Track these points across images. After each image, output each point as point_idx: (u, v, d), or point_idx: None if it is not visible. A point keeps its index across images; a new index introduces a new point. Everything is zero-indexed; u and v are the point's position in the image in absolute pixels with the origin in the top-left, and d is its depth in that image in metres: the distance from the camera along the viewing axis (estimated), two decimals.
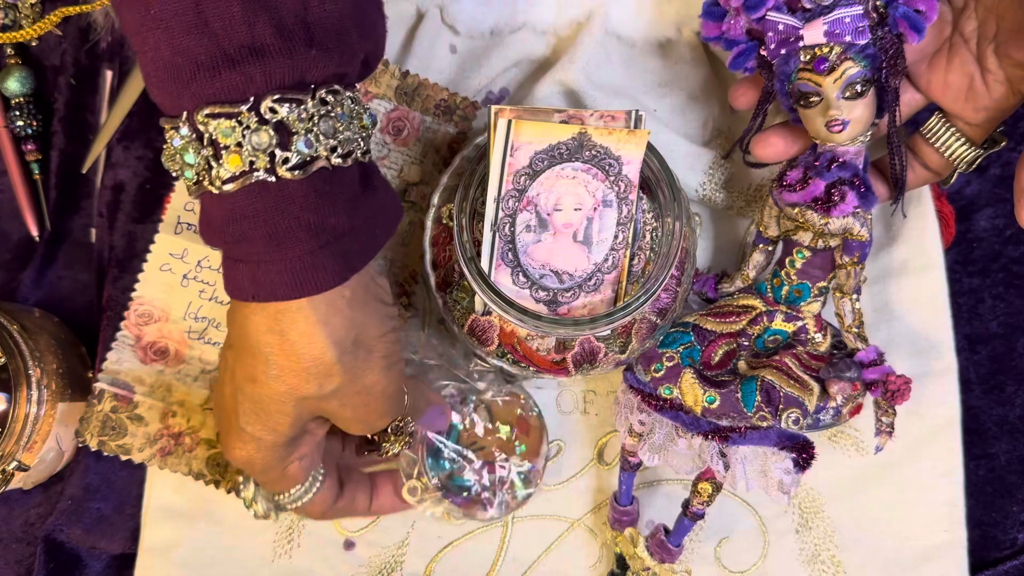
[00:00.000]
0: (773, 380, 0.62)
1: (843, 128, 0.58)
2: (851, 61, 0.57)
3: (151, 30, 0.44)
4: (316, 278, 0.48)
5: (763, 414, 0.62)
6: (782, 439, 0.62)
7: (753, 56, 0.61)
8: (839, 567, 0.71)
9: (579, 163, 0.60)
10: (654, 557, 0.67)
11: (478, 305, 0.63)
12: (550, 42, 0.74)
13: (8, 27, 0.77)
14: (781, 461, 0.62)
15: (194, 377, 0.71)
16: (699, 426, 0.63)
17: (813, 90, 0.58)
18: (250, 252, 0.48)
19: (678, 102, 0.74)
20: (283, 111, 0.46)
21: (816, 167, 0.61)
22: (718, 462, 0.62)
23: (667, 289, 0.64)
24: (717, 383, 0.64)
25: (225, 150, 0.46)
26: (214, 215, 0.48)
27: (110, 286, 0.74)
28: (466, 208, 0.60)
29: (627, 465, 0.68)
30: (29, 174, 0.77)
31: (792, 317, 0.65)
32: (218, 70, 0.44)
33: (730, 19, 0.60)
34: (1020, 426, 0.75)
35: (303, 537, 0.72)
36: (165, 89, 0.46)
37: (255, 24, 0.44)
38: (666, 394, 0.64)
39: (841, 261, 0.63)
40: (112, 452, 0.69)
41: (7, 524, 0.75)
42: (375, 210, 0.51)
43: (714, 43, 0.63)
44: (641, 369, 0.65)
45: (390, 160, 0.72)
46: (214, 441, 0.70)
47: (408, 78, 0.71)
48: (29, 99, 0.77)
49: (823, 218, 0.61)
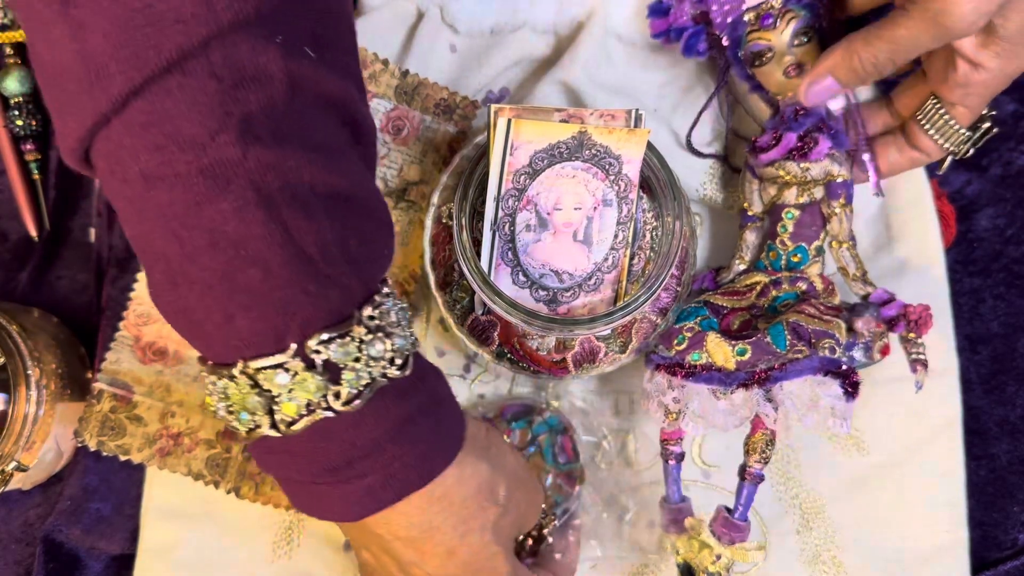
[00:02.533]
0: (799, 319, 0.61)
1: (800, 70, 0.64)
2: (792, 12, 0.64)
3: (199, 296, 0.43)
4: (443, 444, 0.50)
5: (798, 348, 0.60)
6: (824, 365, 0.60)
7: (703, 38, 0.67)
8: (840, 568, 0.71)
9: (579, 162, 0.60)
10: (723, 540, 0.63)
11: (478, 305, 0.63)
12: (550, 41, 0.74)
13: (8, 27, 0.77)
14: (829, 389, 0.59)
15: (193, 377, 0.71)
16: (736, 380, 0.61)
17: (765, 46, 0.64)
18: (379, 463, 0.48)
19: (679, 102, 0.74)
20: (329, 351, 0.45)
21: (784, 122, 0.65)
22: (765, 406, 0.60)
23: (667, 288, 0.64)
24: (742, 336, 0.62)
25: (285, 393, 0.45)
26: (307, 452, 0.47)
27: (109, 286, 0.74)
28: (466, 207, 0.60)
29: (671, 456, 0.66)
30: (28, 174, 0.77)
31: (797, 279, 0.65)
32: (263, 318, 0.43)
33: (675, 9, 0.67)
34: (1021, 426, 0.74)
35: (303, 537, 0.72)
36: (211, 345, 0.46)
37: (297, 282, 0.43)
38: (695, 360, 0.62)
39: (830, 209, 0.65)
40: (111, 452, 0.69)
41: (6, 524, 0.75)
42: (434, 385, 0.52)
43: (663, 39, 0.69)
44: (663, 348, 0.64)
45: (390, 159, 0.71)
46: (213, 441, 0.70)
47: (408, 77, 0.71)
48: (28, 99, 0.77)
49: (803, 164, 0.64)
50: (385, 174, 0.71)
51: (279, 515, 0.72)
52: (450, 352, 0.74)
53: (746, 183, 0.68)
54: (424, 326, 0.74)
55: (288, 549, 0.72)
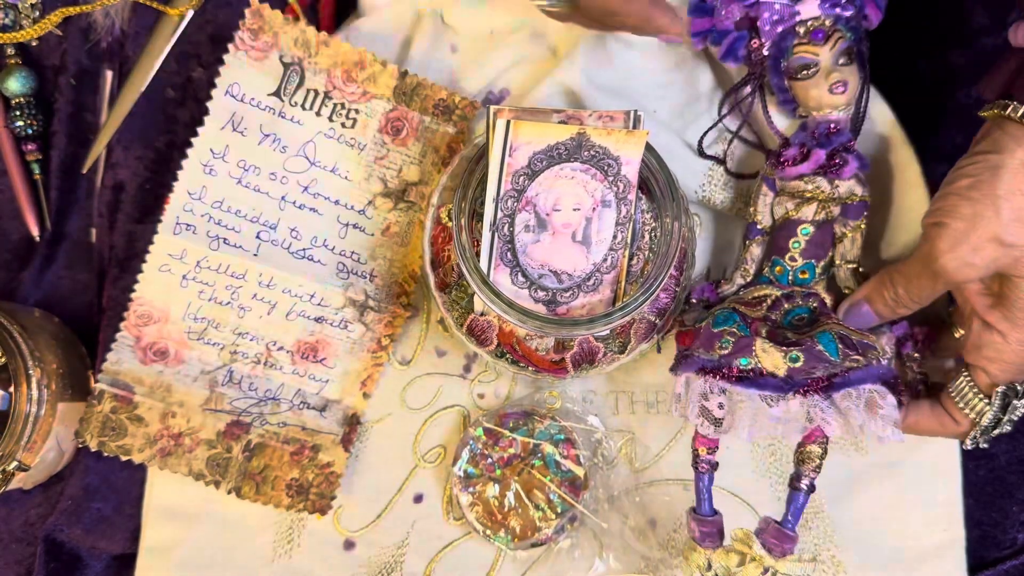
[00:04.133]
0: (840, 330, 0.60)
1: (846, 88, 0.64)
2: (840, 32, 0.64)
3: None
4: None
5: (853, 357, 0.59)
6: (884, 374, 0.59)
7: (744, 44, 0.67)
8: (839, 567, 0.71)
9: (578, 163, 0.60)
10: (774, 552, 0.60)
11: (477, 305, 0.63)
12: (550, 43, 0.74)
13: (8, 27, 0.77)
14: (886, 398, 0.58)
15: (194, 378, 0.71)
16: (795, 386, 0.59)
17: (811, 60, 0.64)
18: None
19: (678, 104, 0.74)
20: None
21: (815, 138, 0.65)
22: (829, 413, 0.58)
23: (666, 289, 0.64)
24: (790, 343, 0.61)
25: None
26: None
27: (110, 286, 0.74)
28: (465, 208, 0.60)
29: (704, 466, 0.63)
30: (29, 174, 0.77)
31: (808, 295, 0.65)
32: None
33: (721, 10, 0.66)
34: (1020, 426, 0.74)
35: (303, 537, 0.73)
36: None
37: None
38: (744, 365, 0.60)
39: (844, 229, 0.65)
40: (112, 453, 0.69)
41: (7, 524, 0.75)
42: None
43: (699, 39, 0.68)
44: (704, 351, 0.61)
45: (389, 160, 0.72)
46: (214, 441, 0.70)
47: (406, 78, 0.71)
48: (29, 99, 0.77)
49: (833, 182, 0.65)
50: (384, 175, 0.72)
51: (279, 515, 0.73)
52: (450, 352, 0.74)
53: (760, 195, 0.67)
54: (424, 326, 0.74)
55: (288, 549, 0.72)
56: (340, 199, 0.72)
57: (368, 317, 0.72)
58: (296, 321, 0.71)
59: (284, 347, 0.72)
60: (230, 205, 0.70)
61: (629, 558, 0.71)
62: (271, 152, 0.70)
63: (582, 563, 0.72)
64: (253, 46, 0.69)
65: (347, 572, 0.72)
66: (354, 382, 0.72)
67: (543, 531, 0.70)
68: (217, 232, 0.70)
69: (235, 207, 0.70)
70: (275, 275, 0.71)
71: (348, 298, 0.72)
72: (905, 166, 0.70)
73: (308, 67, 0.70)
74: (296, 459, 0.71)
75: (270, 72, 0.69)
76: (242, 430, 0.71)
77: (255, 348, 0.71)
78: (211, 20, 0.77)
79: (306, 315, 0.71)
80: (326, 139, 0.71)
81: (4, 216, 0.78)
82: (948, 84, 0.77)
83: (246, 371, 0.71)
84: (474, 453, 0.71)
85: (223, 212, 0.70)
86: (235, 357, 0.71)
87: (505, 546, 0.70)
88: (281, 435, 0.71)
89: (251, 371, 0.71)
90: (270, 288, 0.71)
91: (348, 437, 0.72)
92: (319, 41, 0.70)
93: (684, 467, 0.72)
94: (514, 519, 0.70)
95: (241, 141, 0.70)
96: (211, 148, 0.69)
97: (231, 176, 0.70)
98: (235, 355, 0.71)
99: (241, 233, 0.70)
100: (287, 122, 0.70)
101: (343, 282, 0.72)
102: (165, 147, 0.76)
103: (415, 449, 0.73)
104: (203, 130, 0.69)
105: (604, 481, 0.72)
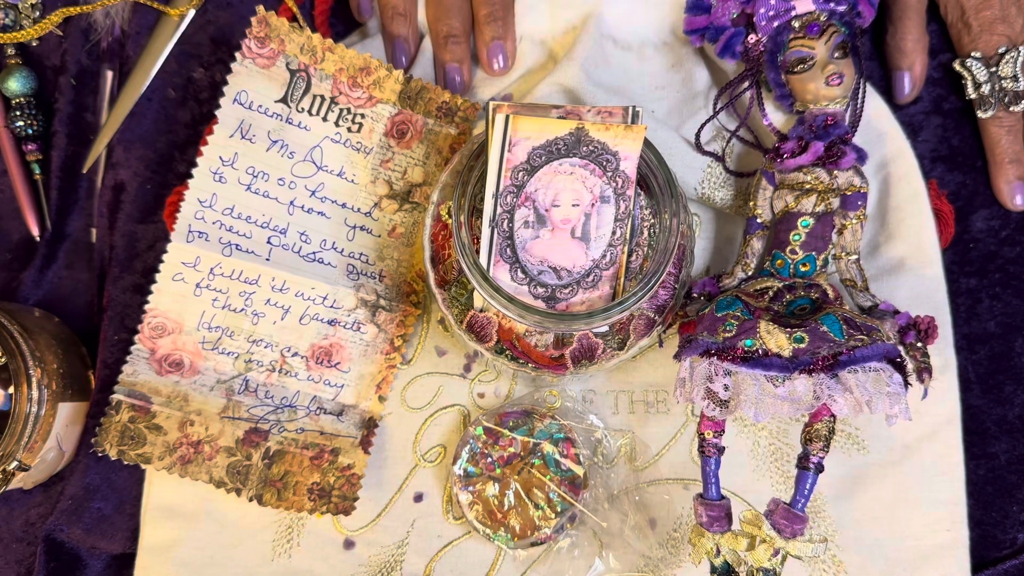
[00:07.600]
0: (845, 314, 0.60)
1: (841, 80, 0.66)
2: (834, 27, 0.66)
3: None
4: None
5: (858, 337, 0.59)
6: (890, 352, 0.59)
7: (741, 40, 0.69)
8: (840, 567, 0.71)
9: (577, 158, 0.60)
10: (784, 534, 0.60)
11: (477, 301, 0.63)
12: (548, 48, 0.74)
13: (9, 27, 0.77)
14: (892, 376, 0.58)
15: (210, 387, 0.71)
16: (799, 365, 0.59)
17: (807, 54, 0.66)
18: None
19: (676, 103, 0.74)
20: None
21: (812, 131, 0.67)
22: (836, 390, 0.58)
23: (665, 285, 0.64)
24: (794, 325, 0.61)
25: None
26: None
27: (111, 286, 0.74)
28: (464, 204, 0.60)
29: (711, 450, 0.63)
30: (30, 174, 0.78)
31: (810, 286, 0.65)
32: None
33: (718, 8, 0.69)
34: (1019, 426, 0.74)
35: (303, 536, 0.72)
36: None
37: None
38: (748, 346, 0.60)
39: (845, 220, 0.66)
40: (132, 461, 0.69)
41: (7, 524, 0.75)
42: None
43: (696, 36, 0.70)
44: (707, 335, 0.61)
45: (394, 163, 0.72)
46: (233, 449, 0.70)
47: (411, 82, 0.71)
48: (30, 99, 0.77)
49: (832, 172, 0.66)
50: (390, 177, 0.72)
51: (279, 515, 0.73)
52: (450, 352, 0.74)
53: (760, 190, 0.68)
54: (425, 326, 0.74)
55: (288, 549, 0.72)
56: (347, 202, 0.72)
57: (380, 317, 0.72)
58: (310, 325, 0.71)
59: (299, 352, 0.72)
60: (240, 211, 0.70)
61: (629, 557, 0.71)
62: (279, 158, 0.71)
63: (582, 562, 0.72)
64: (260, 53, 0.69)
65: (347, 571, 0.72)
66: (369, 386, 0.72)
67: (543, 530, 0.70)
68: (229, 239, 0.70)
69: (245, 213, 0.70)
70: (288, 279, 0.71)
71: (360, 299, 0.72)
72: (901, 157, 0.71)
73: (314, 73, 0.70)
74: (316, 463, 0.71)
75: (277, 79, 0.70)
76: (260, 437, 0.71)
77: (270, 355, 0.71)
78: (212, 21, 0.78)
79: (319, 318, 0.72)
80: (333, 144, 0.71)
81: (4, 216, 0.78)
82: (943, 83, 0.78)
83: (261, 379, 0.71)
84: (474, 452, 0.71)
85: (234, 219, 0.70)
86: (250, 366, 0.71)
87: (505, 545, 0.70)
88: (300, 441, 0.71)
89: (266, 379, 0.71)
90: (283, 292, 0.71)
91: (367, 439, 0.72)
92: (324, 47, 0.70)
93: (684, 466, 0.72)
94: (514, 518, 0.70)
95: (250, 148, 0.70)
96: (220, 156, 0.70)
97: (240, 183, 0.70)
98: (250, 364, 0.71)
99: (252, 238, 0.71)
100: (294, 128, 0.71)
101: (354, 283, 0.72)
102: (166, 147, 0.77)
103: (415, 448, 0.73)
104: (212, 138, 0.69)
105: (604, 480, 0.72)
